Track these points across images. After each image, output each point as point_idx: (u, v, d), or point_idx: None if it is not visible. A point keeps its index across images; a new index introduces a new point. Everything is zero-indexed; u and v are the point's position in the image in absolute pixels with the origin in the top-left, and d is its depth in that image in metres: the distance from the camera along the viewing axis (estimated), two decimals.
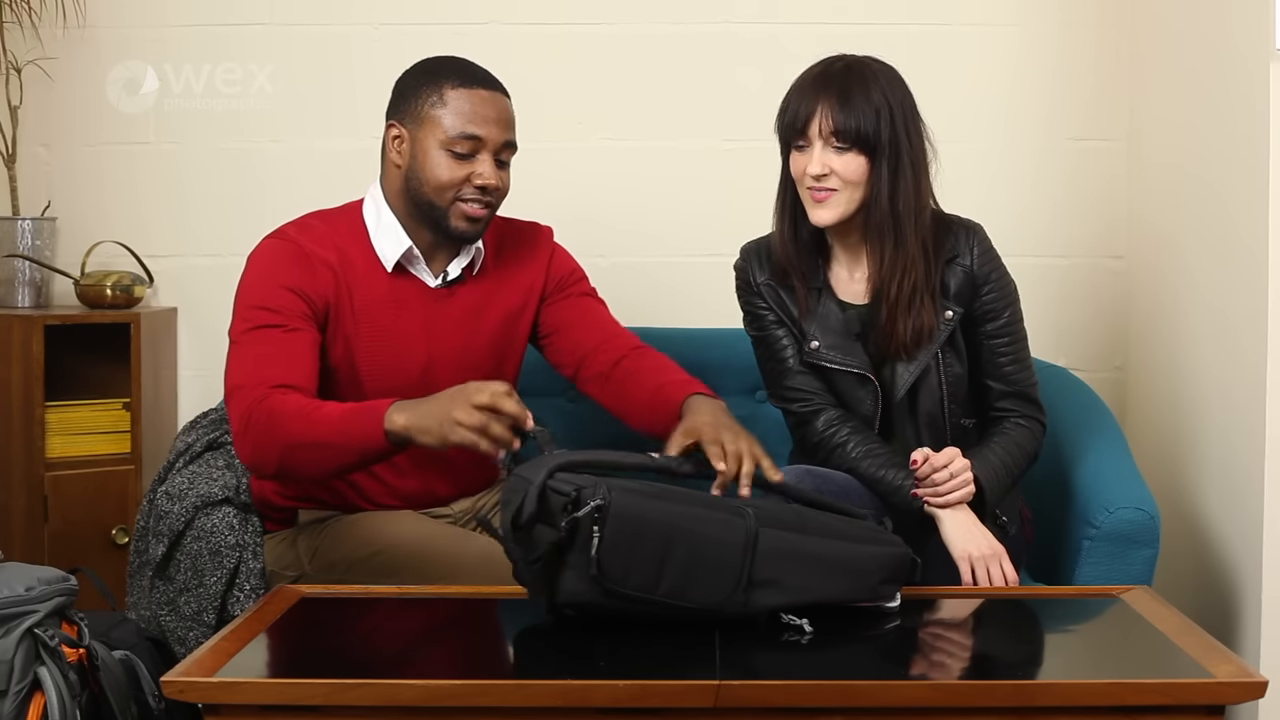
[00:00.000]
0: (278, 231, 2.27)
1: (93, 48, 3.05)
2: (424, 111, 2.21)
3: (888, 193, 2.18)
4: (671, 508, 1.80)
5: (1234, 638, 2.39)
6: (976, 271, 2.25)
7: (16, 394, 2.80)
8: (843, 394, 2.28)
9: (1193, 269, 2.68)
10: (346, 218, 2.30)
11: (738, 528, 1.82)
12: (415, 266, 2.28)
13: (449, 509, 2.39)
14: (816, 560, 1.85)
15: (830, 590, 1.86)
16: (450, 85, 2.21)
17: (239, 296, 2.21)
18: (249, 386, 2.07)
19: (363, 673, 1.69)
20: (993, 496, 2.19)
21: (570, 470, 1.81)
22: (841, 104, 2.16)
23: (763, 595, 1.82)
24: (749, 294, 2.34)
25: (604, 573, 1.77)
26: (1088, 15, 3.05)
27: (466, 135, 2.19)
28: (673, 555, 1.78)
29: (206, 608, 2.22)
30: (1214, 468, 2.55)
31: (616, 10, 3.07)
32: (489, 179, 2.20)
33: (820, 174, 2.17)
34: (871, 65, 2.22)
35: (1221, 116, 2.52)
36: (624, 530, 1.77)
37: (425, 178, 2.21)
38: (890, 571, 1.91)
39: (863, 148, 2.17)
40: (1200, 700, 1.63)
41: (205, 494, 2.29)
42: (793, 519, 1.89)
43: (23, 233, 2.96)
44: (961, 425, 2.30)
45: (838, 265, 2.30)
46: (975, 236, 2.27)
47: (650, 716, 1.62)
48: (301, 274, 2.19)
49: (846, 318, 2.27)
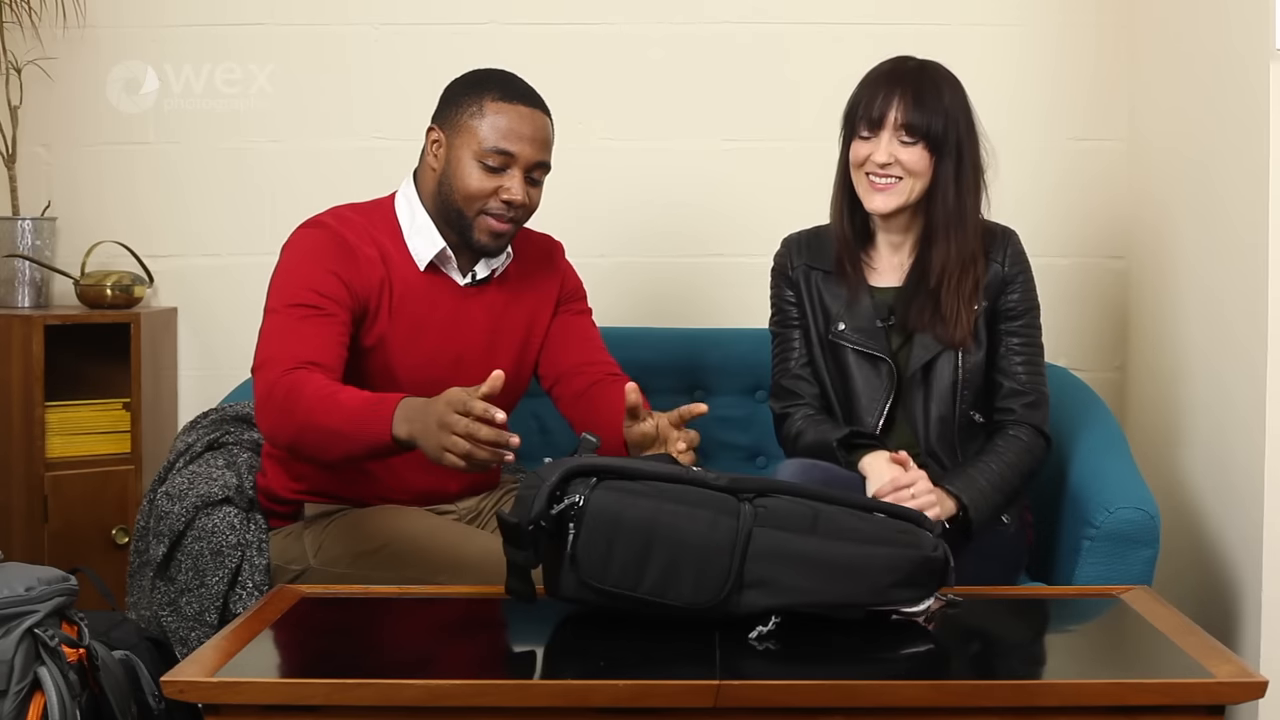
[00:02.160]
0: (314, 221, 2.28)
1: (93, 48, 3.05)
2: (463, 120, 2.24)
3: (955, 190, 2.28)
4: (657, 506, 1.81)
5: (1234, 638, 2.39)
6: (1006, 272, 2.34)
7: (16, 394, 2.80)
8: (858, 377, 2.33)
9: (1193, 269, 2.68)
10: (380, 213, 2.31)
11: (726, 528, 1.80)
12: (447, 266, 2.31)
13: (454, 506, 2.39)
14: (813, 562, 1.81)
15: (828, 593, 1.82)
16: (491, 98, 2.23)
17: (281, 276, 2.22)
18: (278, 360, 2.10)
19: (363, 673, 1.69)
20: (978, 518, 2.20)
21: (588, 475, 1.82)
22: (916, 101, 2.26)
23: (754, 596, 1.80)
24: (782, 282, 2.41)
25: (582, 569, 1.79)
26: (1088, 15, 3.05)
27: (499, 149, 2.22)
28: (653, 554, 1.79)
29: (208, 608, 2.22)
30: (1214, 468, 2.55)
31: (617, 10, 3.07)
32: (516, 195, 2.22)
33: (886, 162, 2.26)
34: (940, 69, 2.32)
35: (1221, 116, 2.52)
36: (600, 528, 1.79)
37: (456, 185, 2.23)
38: (906, 574, 1.83)
39: (929, 144, 2.26)
40: (1200, 700, 1.63)
41: (205, 494, 2.29)
42: (800, 520, 1.85)
43: (23, 233, 2.96)
44: (970, 417, 2.33)
45: (877, 255, 2.38)
46: (1009, 241, 2.37)
47: (650, 716, 1.62)
48: (347, 264, 2.22)
49: (876, 303, 2.34)
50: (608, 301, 2.46)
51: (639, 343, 2.71)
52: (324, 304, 2.17)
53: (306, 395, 2.05)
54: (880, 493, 2.16)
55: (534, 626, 1.89)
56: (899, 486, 2.16)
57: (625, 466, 1.88)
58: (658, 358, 2.79)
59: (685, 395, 2.85)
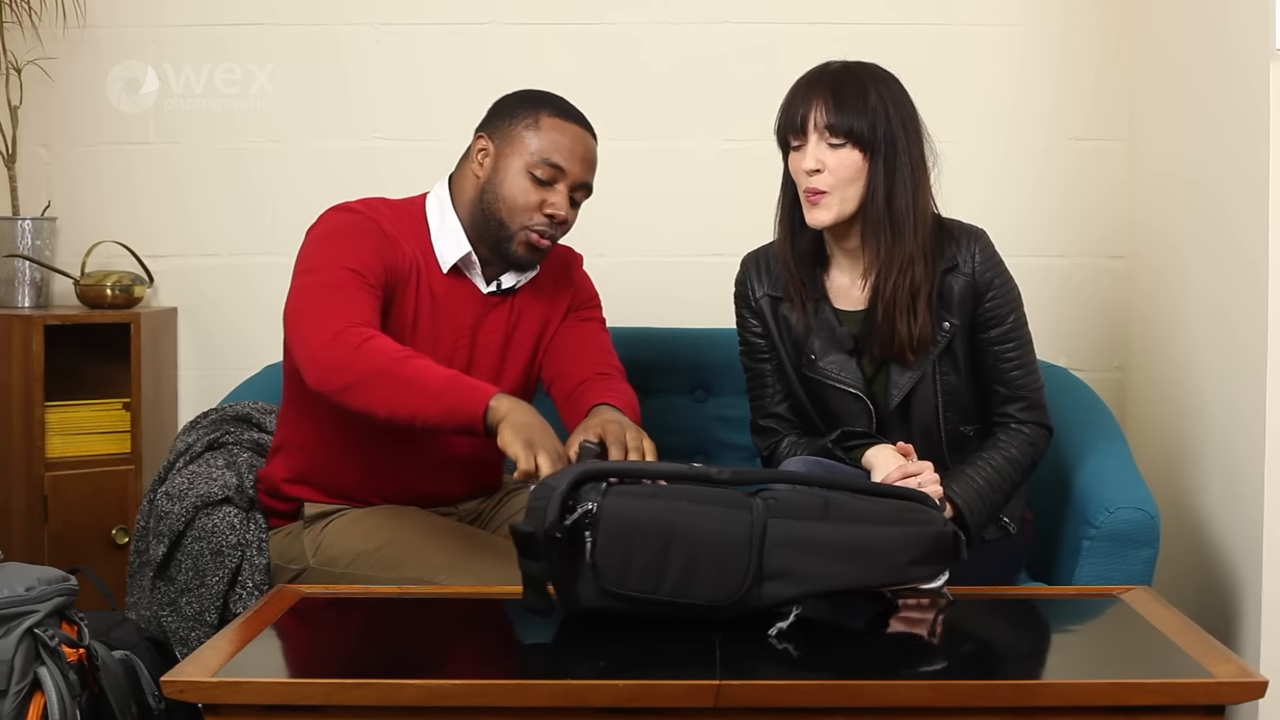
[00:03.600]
0: (346, 206, 2.27)
1: (93, 48, 3.05)
2: (517, 131, 2.25)
3: (885, 191, 2.18)
4: (669, 506, 1.80)
5: (1234, 638, 2.39)
6: (979, 278, 2.23)
7: (16, 394, 2.80)
8: (836, 408, 2.28)
9: (1193, 269, 2.68)
10: (410, 211, 2.32)
11: (741, 521, 1.80)
12: (470, 271, 2.30)
13: (455, 509, 2.39)
14: (830, 547, 1.81)
15: (849, 577, 1.81)
16: (548, 113, 2.26)
17: (314, 248, 2.20)
18: (342, 311, 2.08)
19: (363, 673, 1.68)
20: (974, 519, 2.18)
21: (598, 479, 1.82)
22: (836, 100, 2.16)
23: (775, 588, 1.80)
24: (745, 311, 2.34)
25: (603, 576, 1.77)
26: (1089, 16, 3.05)
27: (551, 163, 2.23)
28: (672, 555, 1.78)
29: (208, 608, 2.23)
30: (1214, 468, 2.55)
31: (617, 10, 3.07)
32: (560, 210, 2.24)
33: (813, 169, 2.17)
34: (868, 68, 2.22)
35: (1222, 116, 2.52)
36: (618, 533, 1.78)
37: (502, 194, 2.24)
38: (922, 551, 1.83)
39: (857, 144, 2.16)
40: (1200, 700, 1.63)
41: (205, 494, 2.29)
42: (812, 508, 1.84)
43: (23, 233, 2.96)
44: (960, 433, 2.29)
45: (837, 272, 2.30)
46: (977, 242, 2.25)
47: (650, 716, 1.62)
48: (383, 245, 2.21)
49: (844, 330, 2.27)
50: (608, 301, 2.46)
51: (639, 343, 2.71)
52: (367, 275, 2.15)
53: (385, 346, 2.05)
54: (888, 480, 2.14)
55: (534, 626, 1.89)
56: (907, 475, 2.14)
57: (630, 468, 1.88)
58: (658, 358, 2.79)
59: (685, 395, 2.85)
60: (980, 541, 2.22)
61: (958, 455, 2.27)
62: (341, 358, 2.05)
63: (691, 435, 2.83)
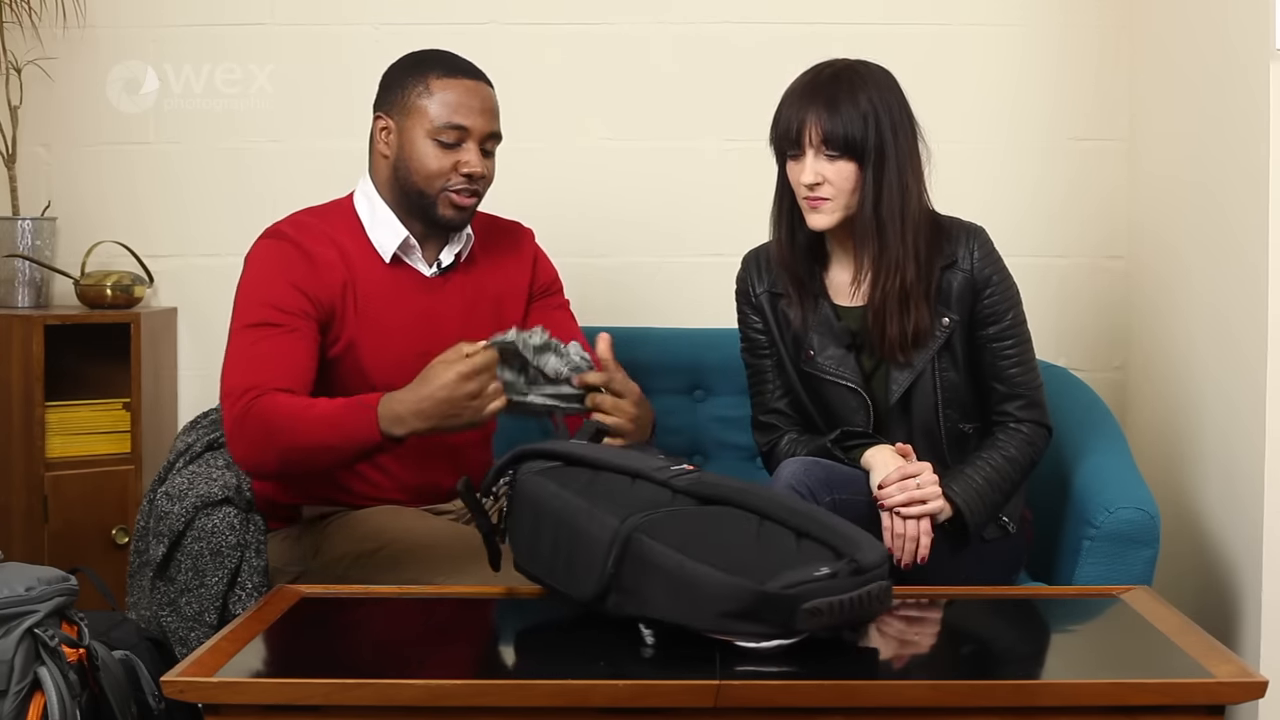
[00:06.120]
0: (273, 230, 2.29)
1: (93, 48, 3.05)
2: (410, 102, 2.25)
3: (872, 200, 2.19)
4: (569, 498, 1.84)
5: (1234, 638, 2.40)
6: (977, 275, 2.24)
7: (16, 394, 2.79)
8: (836, 404, 2.28)
9: (1192, 269, 2.68)
10: (339, 212, 2.33)
11: (607, 529, 1.77)
12: (411, 256, 2.31)
13: (451, 506, 2.39)
14: (669, 578, 1.71)
15: (675, 612, 1.72)
16: (436, 76, 2.25)
17: (241, 295, 2.23)
18: (241, 390, 2.11)
19: (363, 673, 1.69)
20: (973, 519, 2.18)
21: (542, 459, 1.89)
22: (830, 112, 2.17)
23: (623, 601, 1.76)
24: (746, 307, 2.35)
25: (516, 549, 1.90)
26: (1089, 16, 3.05)
27: (452, 125, 2.23)
28: (559, 543, 1.83)
29: (208, 608, 2.22)
30: (1214, 468, 2.55)
31: (617, 10, 3.06)
32: (475, 167, 2.24)
33: (814, 183, 2.18)
34: (860, 70, 2.22)
35: (1222, 117, 2.52)
36: (525, 511, 1.88)
37: (413, 167, 2.25)
38: (741, 607, 1.66)
39: (852, 155, 2.17)
40: (1200, 700, 1.63)
41: (205, 494, 2.29)
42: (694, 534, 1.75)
43: (23, 233, 2.96)
44: (960, 430, 2.29)
45: (836, 269, 2.30)
46: (976, 240, 2.25)
47: (650, 716, 1.62)
48: (307, 273, 2.22)
49: (842, 325, 2.27)
50: (607, 301, 2.46)
51: (639, 343, 2.71)
52: (285, 320, 2.17)
53: (280, 417, 2.06)
54: (887, 481, 2.14)
55: (534, 626, 1.89)
56: (906, 475, 2.15)
57: (580, 455, 1.91)
58: (658, 358, 2.79)
59: (685, 395, 2.85)
60: (980, 541, 2.23)
61: (958, 453, 2.27)
62: (251, 451, 2.11)
63: (690, 435, 2.83)
